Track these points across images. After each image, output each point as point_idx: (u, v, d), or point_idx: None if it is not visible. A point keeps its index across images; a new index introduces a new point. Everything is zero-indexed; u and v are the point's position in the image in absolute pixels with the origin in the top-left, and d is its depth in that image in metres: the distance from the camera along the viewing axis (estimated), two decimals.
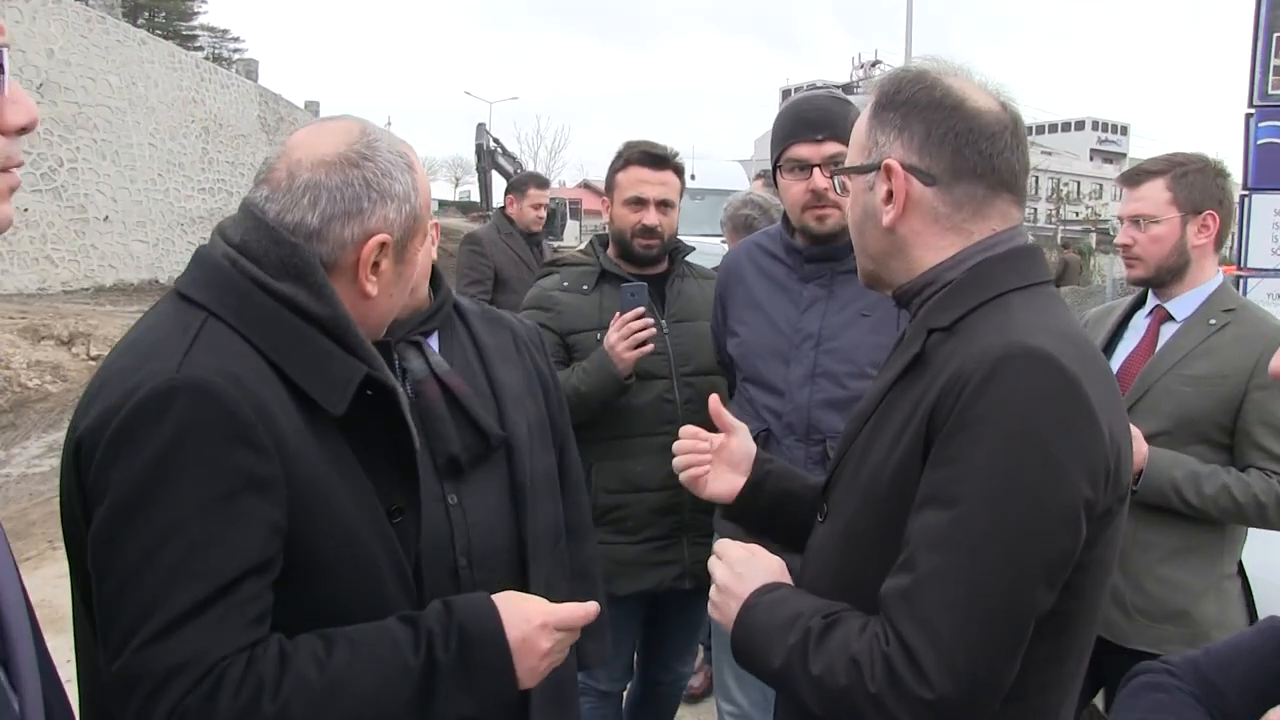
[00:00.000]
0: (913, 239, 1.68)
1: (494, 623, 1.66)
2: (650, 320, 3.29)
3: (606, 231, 3.67)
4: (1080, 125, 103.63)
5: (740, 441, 2.12)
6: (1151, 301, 3.20)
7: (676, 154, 3.58)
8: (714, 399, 2.16)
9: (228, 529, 1.47)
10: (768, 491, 2.08)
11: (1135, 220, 3.10)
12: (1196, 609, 2.95)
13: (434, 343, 2.37)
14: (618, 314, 3.30)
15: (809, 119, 2.99)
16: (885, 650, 1.44)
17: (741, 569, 1.75)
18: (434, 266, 2.39)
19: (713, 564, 1.80)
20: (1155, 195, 3.07)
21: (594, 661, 2.69)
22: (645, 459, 3.39)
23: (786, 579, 1.76)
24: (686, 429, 2.16)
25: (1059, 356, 1.47)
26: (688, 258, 3.68)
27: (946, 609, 1.42)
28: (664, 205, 3.50)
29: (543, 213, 7.18)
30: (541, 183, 7.30)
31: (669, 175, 3.52)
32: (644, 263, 3.56)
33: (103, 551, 1.48)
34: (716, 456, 2.13)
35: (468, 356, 2.40)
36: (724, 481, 2.12)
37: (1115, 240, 3.22)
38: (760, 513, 2.09)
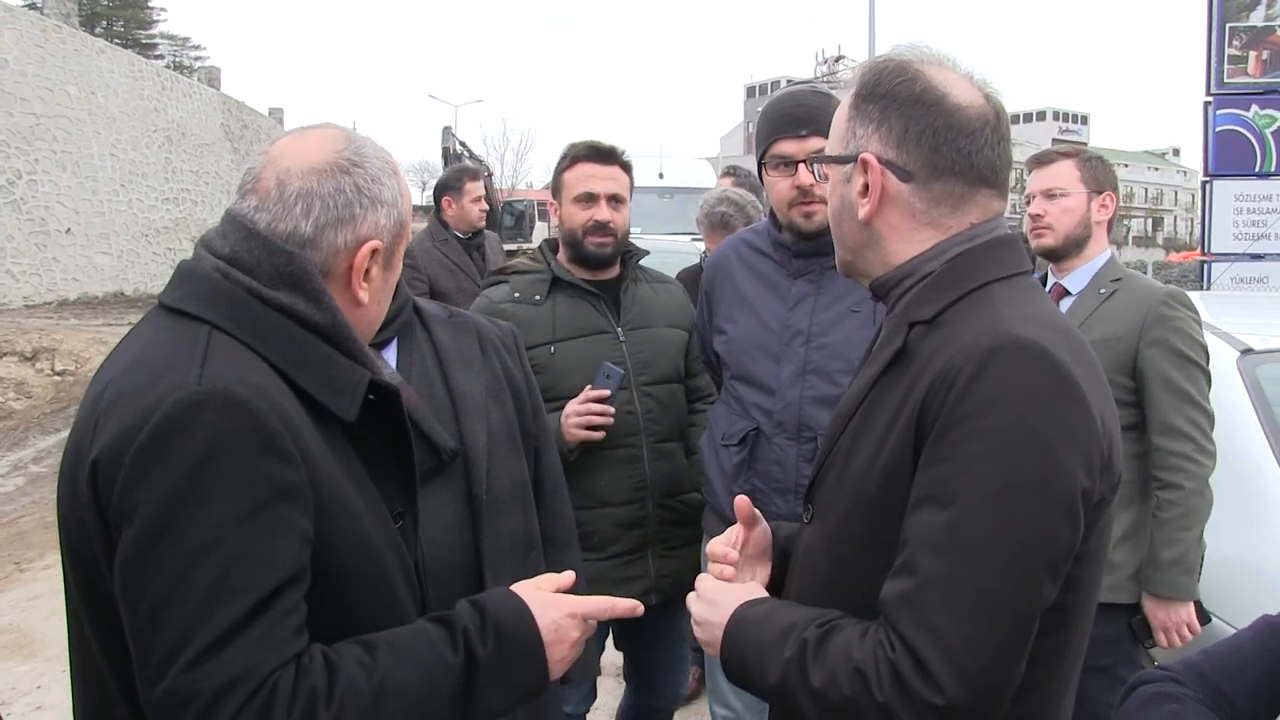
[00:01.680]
0: (888, 233, 1.65)
1: (527, 617, 1.69)
2: (611, 410, 3.19)
3: (556, 237, 3.55)
4: (1041, 116, 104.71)
5: (759, 531, 1.93)
6: (1050, 280, 3.50)
7: (624, 151, 3.47)
8: (739, 500, 1.90)
9: (264, 541, 1.45)
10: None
11: (1049, 194, 3.44)
12: (1114, 554, 3.10)
13: (392, 351, 2.29)
14: (590, 386, 3.19)
15: (793, 115, 2.97)
16: (891, 657, 1.41)
17: (715, 596, 1.73)
18: None
19: (690, 599, 1.79)
20: (1067, 173, 3.45)
21: (578, 675, 2.62)
22: (607, 473, 3.29)
23: (763, 594, 1.73)
24: (715, 549, 1.89)
25: (1049, 347, 1.45)
26: (642, 261, 3.58)
27: (953, 613, 1.39)
28: (615, 200, 3.37)
29: (484, 205, 6.58)
30: (475, 174, 6.64)
31: (617, 170, 3.40)
32: (596, 265, 3.40)
33: (134, 574, 1.43)
34: (742, 555, 1.92)
35: (426, 365, 2.32)
36: (751, 573, 1.93)
37: (1028, 212, 3.51)
38: None
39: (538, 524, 2.42)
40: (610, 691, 5.39)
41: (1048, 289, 3.45)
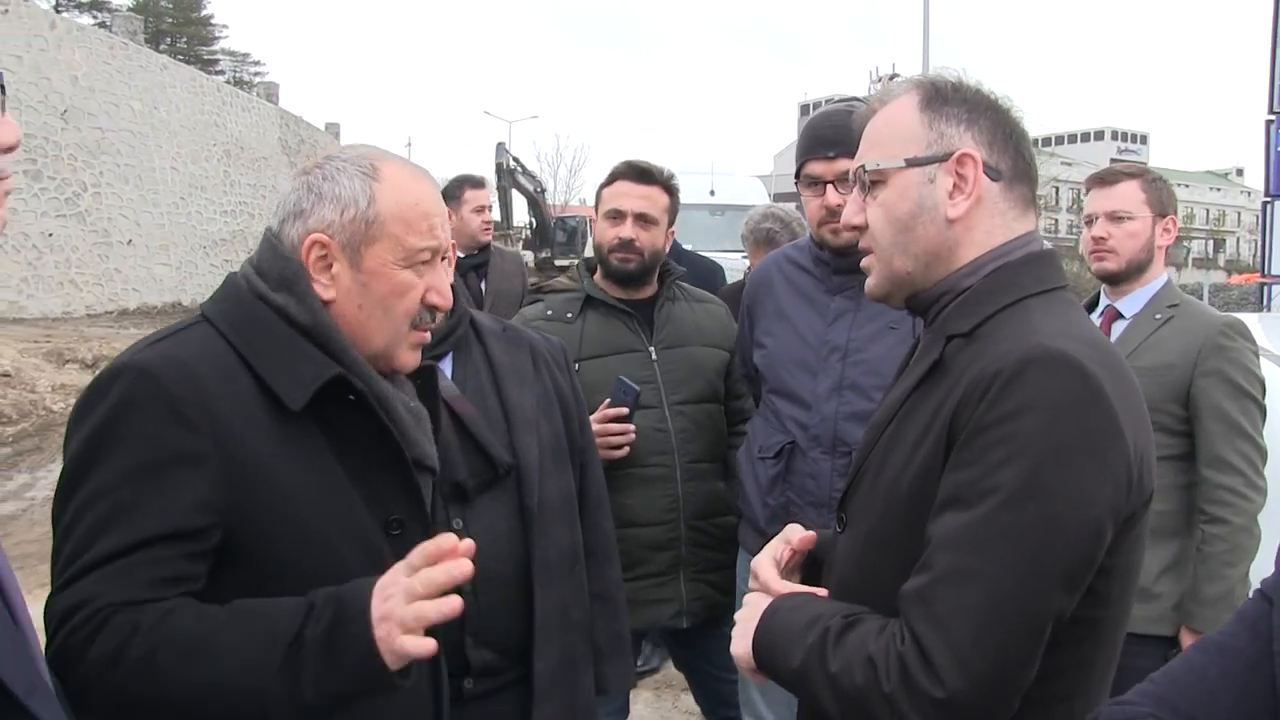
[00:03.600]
0: (965, 235, 1.65)
1: (364, 598, 1.57)
2: (631, 428, 3.19)
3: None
4: (1100, 135, 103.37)
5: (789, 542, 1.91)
6: (1104, 302, 3.41)
7: (670, 174, 3.45)
8: (794, 530, 1.91)
9: (150, 495, 1.60)
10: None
11: (1113, 216, 3.31)
12: (1156, 585, 3.07)
13: (447, 364, 2.36)
14: (608, 401, 3.19)
15: (823, 136, 3.00)
16: (900, 649, 1.44)
17: (755, 599, 1.75)
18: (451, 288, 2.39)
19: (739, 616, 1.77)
20: (1132, 195, 3.31)
21: (614, 686, 2.60)
22: (636, 492, 3.25)
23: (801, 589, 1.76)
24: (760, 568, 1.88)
25: (1082, 360, 1.46)
26: (679, 279, 3.56)
27: (961, 609, 1.41)
28: (643, 219, 3.34)
29: (488, 216, 5.94)
30: (477, 182, 5.98)
31: (654, 191, 3.38)
32: (626, 282, 3.39)
33: (55, 512, 1.65)
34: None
35: (481, 379, 2.38)
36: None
37: (1090, 234, 3.37)
38: None
39: (582, 537, 2.46)
40: (648, 704, 5.42)
41: (1100, 310, 3.40)
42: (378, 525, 1.79)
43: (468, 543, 1.57)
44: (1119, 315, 3.34)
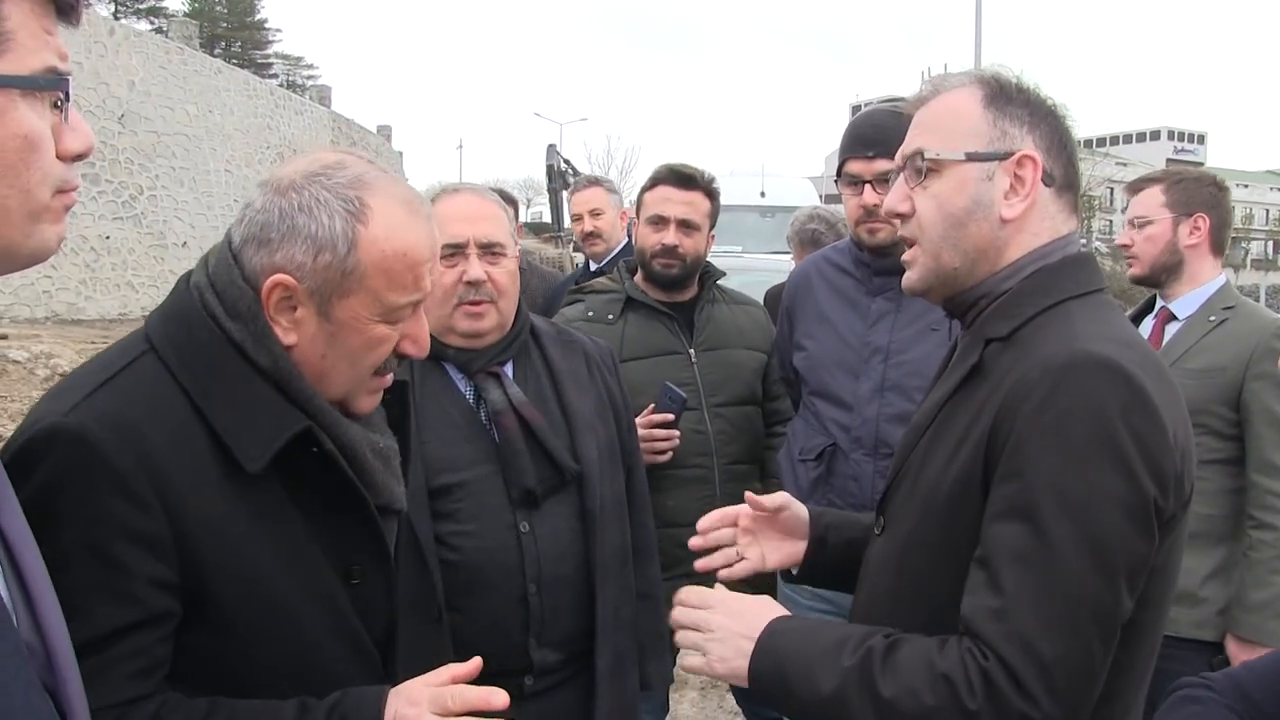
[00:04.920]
0: (1015, 236, 1.66)
1: (375, 711, 1.50)
2: (676, 434, 3.21)
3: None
4: (1155, 135, 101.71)
5: (792, 512, 2.02)
6: (1158, 304, 3.42)
7: (712, 178, 3.48)
8: (748, 495, 2.02)
9: (105, 581, 1.44)
10: (831, 544, 2.01)
11: (1134, 222, 3.38)
12: (1202, 589, 3.05)
13: (508, 370, 2.40)
14: (652, 406, 3.21)
15: (863, 135, 3.01)
16: (984, 665, 1.42)
17: (738, 606, 1.69)
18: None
19: (694, 616, 1.70)
20: (1151, 199, 3.37)
21: (655, 681, 2.67)
22: (676, 493, 3.27)
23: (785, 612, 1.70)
24: (705, 521, 2.02)
25: (1125, 364, 1.46)
26: (737, 278, 3.60)
27: (1044, 626, 1.41)
28: (686, 225, 3.37)
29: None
30: (583, 183, 5.50)
31: (696, 196, 3.41)
32: (667, 286, 3.43)
33: None
34: (770, 530, 2.03)
35: (541, 383, 2.43)
36: (782, 551, 2.03)
37: (1116, 242, 3.50)
38: (829, 568, 2.01)
39: (630, 537, 2.50)
40: (694, 704, 5.43)
41: (1154, 313, 3.39)
42: (337, 576, 1.66)
43: (504, 699, 1.51)
44: (1173, 317, 3.33)
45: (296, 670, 1.59)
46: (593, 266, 5.14)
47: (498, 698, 1.50)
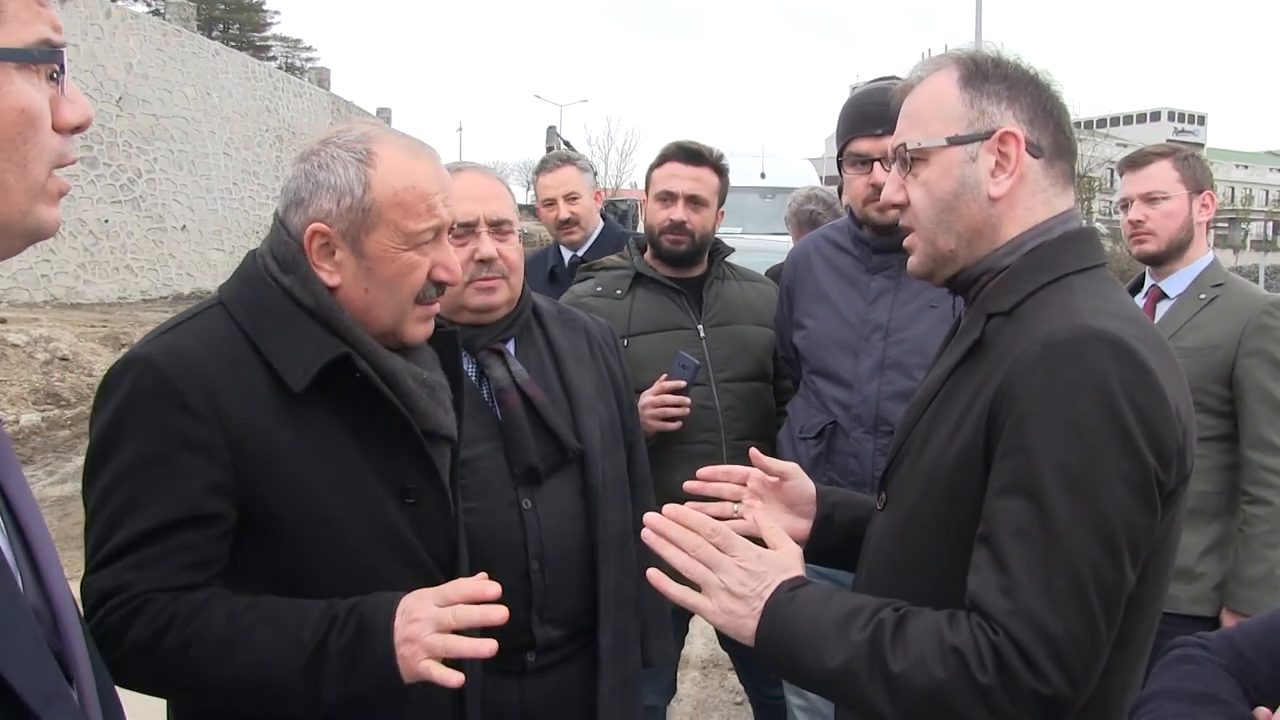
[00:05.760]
0: (1008, 212, 1.66)
1: (387, 616, 1.67)
2: (687, 401, 3.20)
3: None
4: (1156, 116, 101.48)
5: (797, 484, 2.01)
6: (1148, 283, 3.41)
7: (720, 155, 3.47)
8: (753, 452, 2.03)
9: (164, 481, 1.69)
10: (837, 522, 1.99)
11: (1148, 198, 3.31)
12: (1199, 565, 3.08)
13: (510, 347, 2.42)
14: (665, 375, 3.21)
15: (869, 113, 2.99)
16: (995, 640, 1.42)
17: (757, 562, 1.62)
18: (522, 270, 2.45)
19: (709, 554, 1.63)
20: (1165, 174, 3.31)
21: (658, 659, 2.69)
22: (684, 468, 3.16)
23: (802, 569, 1.66)
24: (707, 470, 2.05)
25: (1126, 338, 1.47)
26: (738, 260, 3.59)
27: (1051, 602, 1.41)
28: (694, 201, 3.37)
29: None
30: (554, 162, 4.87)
31: (704, 172, 3.41)
32: (676, 262, 3.43)
33: (84, 496, 1.77)
34: (775, 499, 2.02)
35: (543, 360, 2.44)
36: (783, 524, 1.95)
37: (1127, 218, 3.37)
38: (834, 546, 1.99)
39: (631, 515, 2.51)
40: (695, 683, 5.46)
41: (1144, 291, 3.39)
42: (391, 496, 1.86)
43: (496, 589, 1.68)
44: (1163, 295, 3.34)
45: (352, 583, 1.76)
46: (566, 256, 4.63)
47: (495, 613, 1.65)
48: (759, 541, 1.71)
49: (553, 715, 2.32)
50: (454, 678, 1.61)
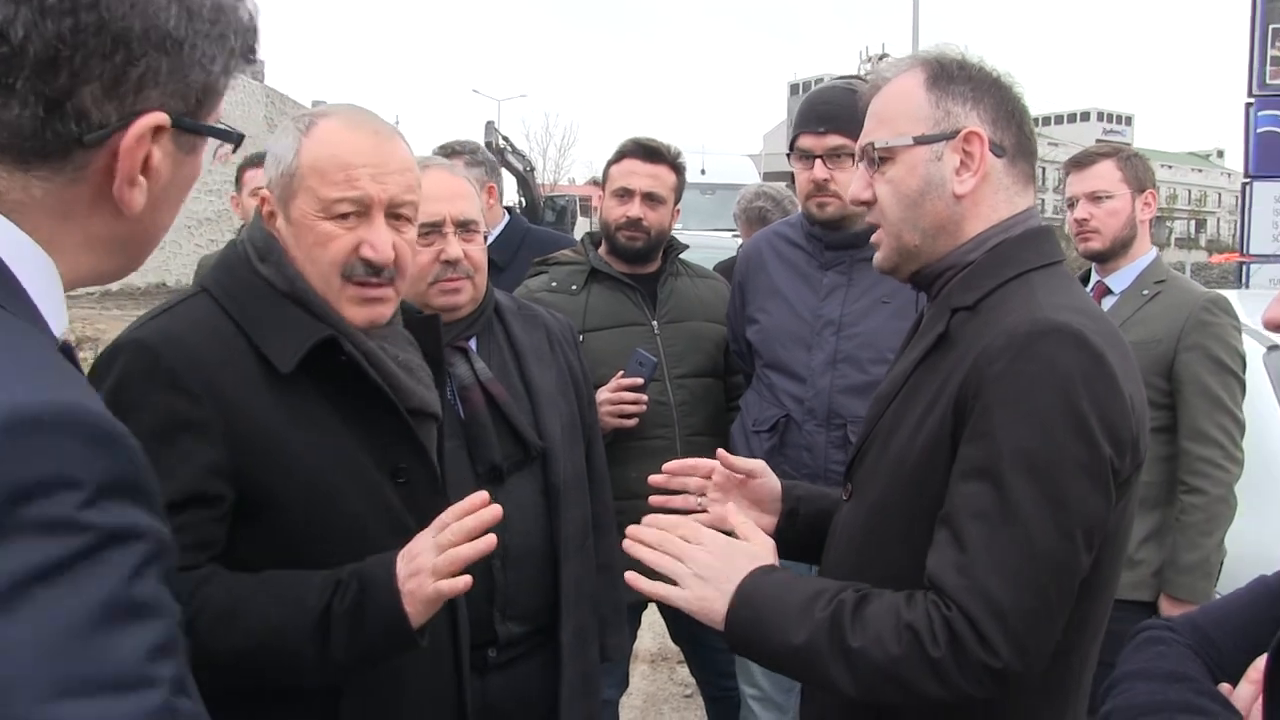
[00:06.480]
0: (972, 209, 1.71)
1: (388, 570, 1.71)
2: (644, 398, 3.23)
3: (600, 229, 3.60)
4: (1085, 116, 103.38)
5: (764, 482, 2.04)
6: (1093, 278, 3.50)
7: (678, 153, 3.51)
8: (720, 452, 2.05)
9: (163, 461, 1.61)
10: (803, 516, 2.04)
11: (1093, 197, 3.41)
12: (1138, 552, 3.16)
13: (473, 345, 2.42)
14: (621, 372, 3.23)
15: (816, 112, 3.07)
16: (947, 615, 1.48)
17: (727, 550, 1.69)
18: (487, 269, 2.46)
19: (679, 547, 1.70)
20: (1109, 174, 3.41)
21: (614, 654, 2.71)
22: (639, 464, 3.21)
23: (775, 560, 1.72)
24: (672, 464, 2.08)
25: (1085, 331, 1.53)
26: (683, 255, 3.62)
27: (1004, 579, 1.47)
28: (651, 198, 3.39)
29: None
30: (256, 160, 4.53)
31: (662, 170, 3.43)
32: (632, 258, 3.44)
33: None
34: (741, 496, 2.05)
35: (505, 358, 2.45)
36: (753, 522, 1.97)
37: (1073, 217, 3.46)
38: (800, 540, 2.02)
39: (590, 511, 2.54)
40: (644, 676, 5.49)
41: (1090, 287, 3.47)
42: (384, 474, 1.87)
43: (484, 497, 1.71)
44: (1108, 291, 3.42)
45: (352, 560, 1.76)
46: None
47: (490, 513, 1.69)
48: (730, 534, 1.76)
49: (514, 710, 2.33)
50: (460, 582, 1.66)
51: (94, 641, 0.77)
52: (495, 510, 1.70)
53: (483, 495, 1.72)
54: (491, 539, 1.69)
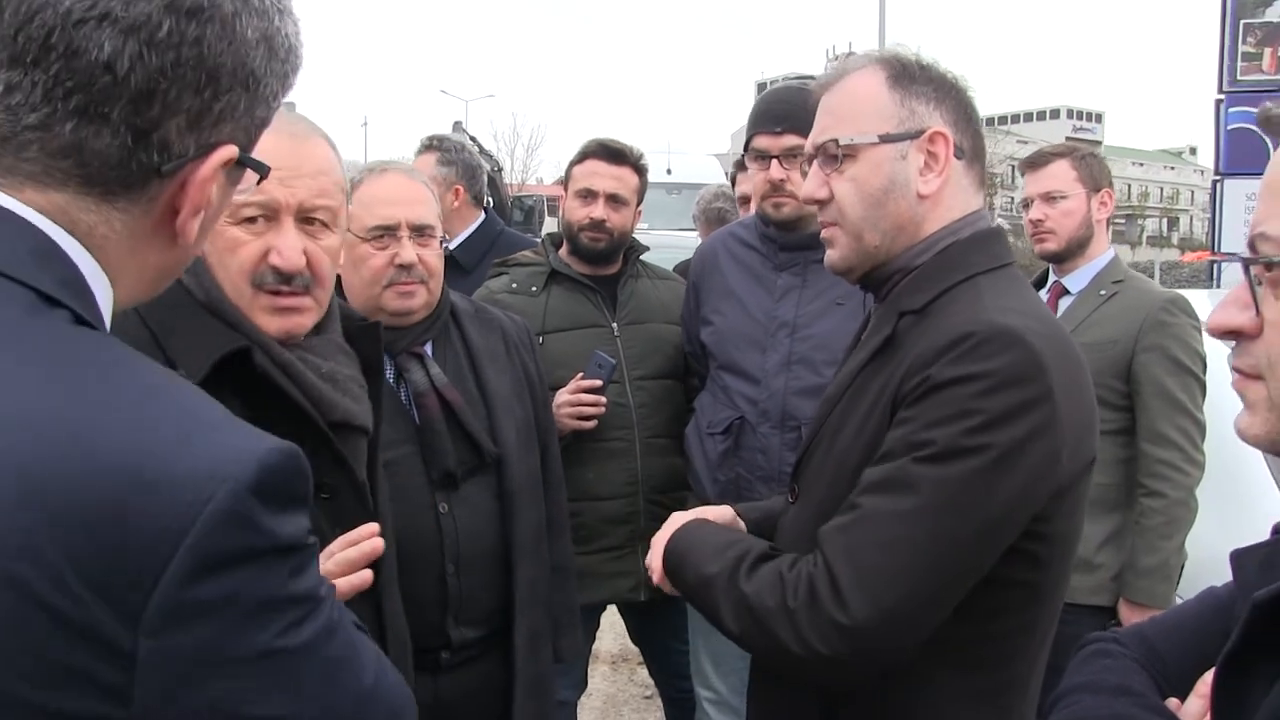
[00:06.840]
0: (932, 210, 1.71)
1: None
2: (602, 400, 3.22)
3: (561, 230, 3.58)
4: (1055, 114, 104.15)
5: (716, 513, 2.01)
6: (1051, 278, 3.49)
7: (640, 154, 3.50)
8: (677, 513, 2.00)
9: None
10: (750, 521, 2.01)
11: (1048, 197, 3.39)
12: (1096, 556, 3.16)
13: (428, 350, 2.40)
14: (581, 374, 3.22)
15: (771, 111, 3.05)
16: (811, 572, 1.52)
17: (685, 517, 1.88)
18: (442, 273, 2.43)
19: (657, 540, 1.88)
20: (1063, 173, 3.39)
21: (569, 655, 2.71)
22: (598, 465, 3.29)
23: (740, 526, 1.90)
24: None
25: (1025, 334, 1.52)
26: (643, 256, 3.61)
27: (876, 544, 1.49)
28: (614, 200, 3.39)
29: None
30: None
31: (625, 171, 3.43)
32: (593, 259, 3.44)
33: None
34: None
35: (460, 362, 2.44)
36: None
37: (1028, 218, 3.46)
38: None
39: (545, 514, 2.52)
40: (605, 678, 5.47)
41: (1047, 287, 3.47)
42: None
43: (372, 529, 1.73)
44: (1065, 291, 3.41)
45: None
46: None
47: (371, 546, 1.70)
48: None
49: (467, 709, 2.33)
50: (363, 575, 1.67)
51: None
52: (376, 544, 1.70)
53: (371, 527, 1.72)
54: (368, 575, 1.69)
